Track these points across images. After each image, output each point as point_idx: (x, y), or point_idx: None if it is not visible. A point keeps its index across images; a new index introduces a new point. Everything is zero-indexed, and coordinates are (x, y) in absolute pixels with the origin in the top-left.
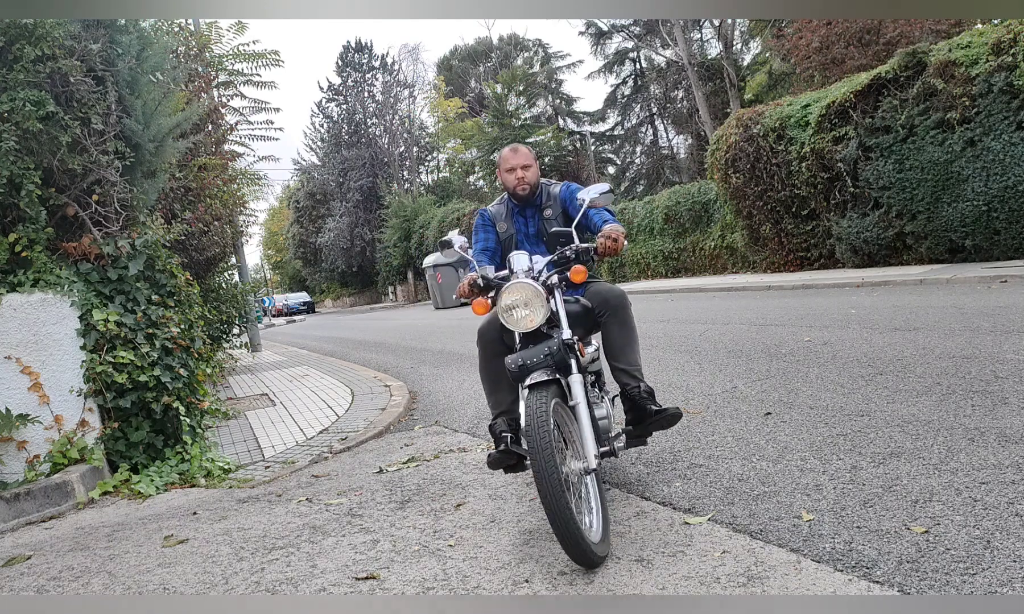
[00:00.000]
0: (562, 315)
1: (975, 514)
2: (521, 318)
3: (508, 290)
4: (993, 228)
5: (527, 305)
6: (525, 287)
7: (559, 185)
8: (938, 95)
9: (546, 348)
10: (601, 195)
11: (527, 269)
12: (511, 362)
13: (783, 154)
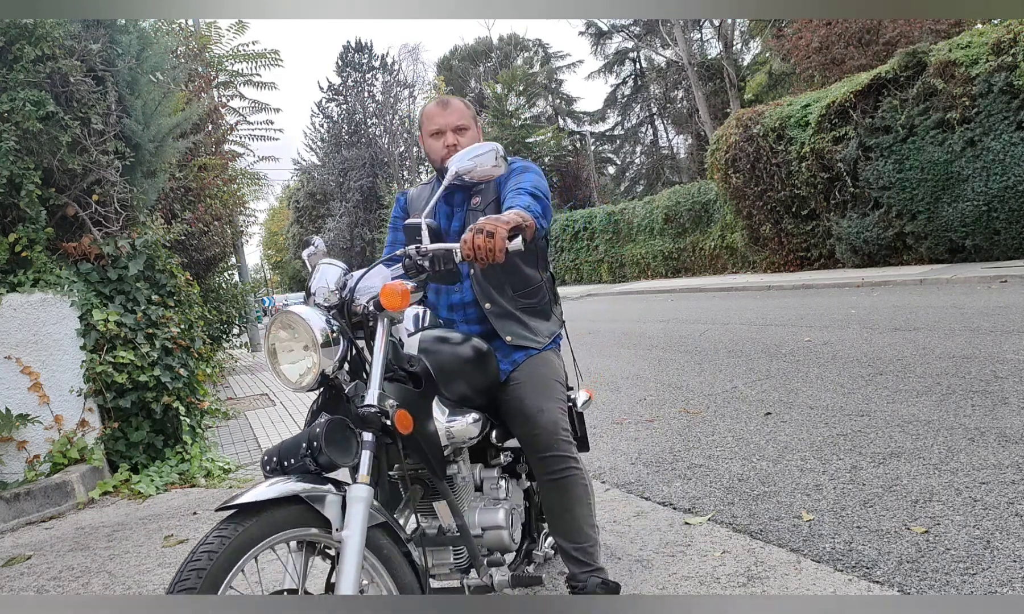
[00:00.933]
0: (374, 371)
1: (975, 514)
2: (285, 370)
3: (272, 325)
4: (993, 228)
5: (292, 350)
6: (294, 321)
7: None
8: (938, 95)
9: (307, 436)
10: (474, 158)
11: (332, 291)
12: (267, 454)
13: (783, 154)
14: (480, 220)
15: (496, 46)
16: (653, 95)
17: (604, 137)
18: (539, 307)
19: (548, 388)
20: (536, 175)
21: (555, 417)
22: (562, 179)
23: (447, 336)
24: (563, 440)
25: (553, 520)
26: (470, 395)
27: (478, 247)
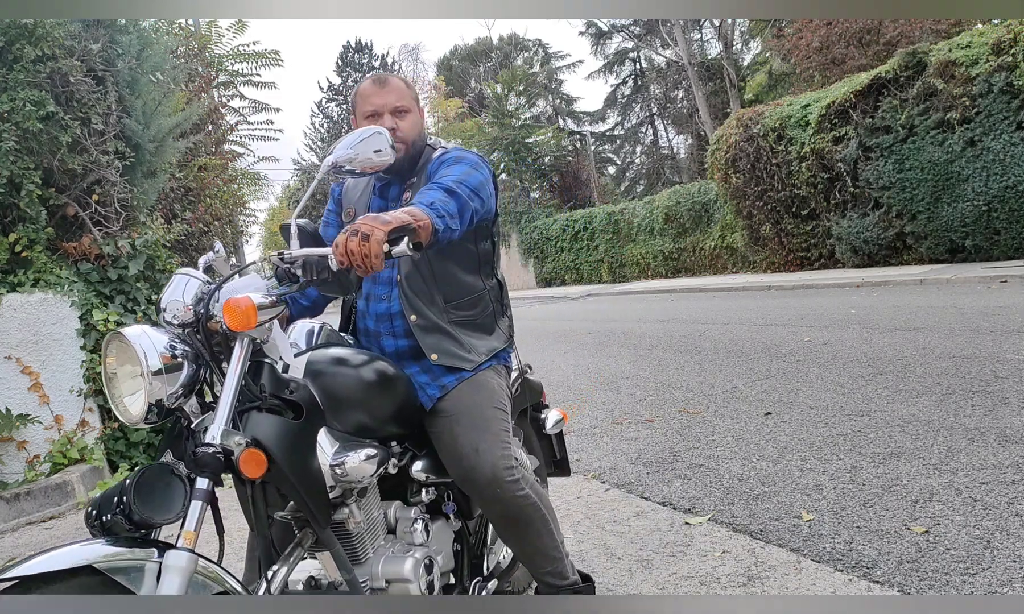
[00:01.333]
0: (222, 402)
1: (975, 514)
2: (126, 402)
3: (104, 350)
4: (993, 228)
5: (120, 376)
6: (121, 344)
7: (446, 149)
8: (938, 95)
9: (118, 488)
10: (355, 145)
11: (186, 306)
12: (90, 505)
13: (783, 154)
14: (358, 219)
15: (496, 46)
16: (653, 95)
17: (604, 137)
18: (479, 320)
19: (483, 420)
20: (469, 167)
21: (494, 456)
22: (562, 179)
23: (344, 356)
24: (507, 481)
25: (515, 551)
26: (372, 425)
27: (351, 252)
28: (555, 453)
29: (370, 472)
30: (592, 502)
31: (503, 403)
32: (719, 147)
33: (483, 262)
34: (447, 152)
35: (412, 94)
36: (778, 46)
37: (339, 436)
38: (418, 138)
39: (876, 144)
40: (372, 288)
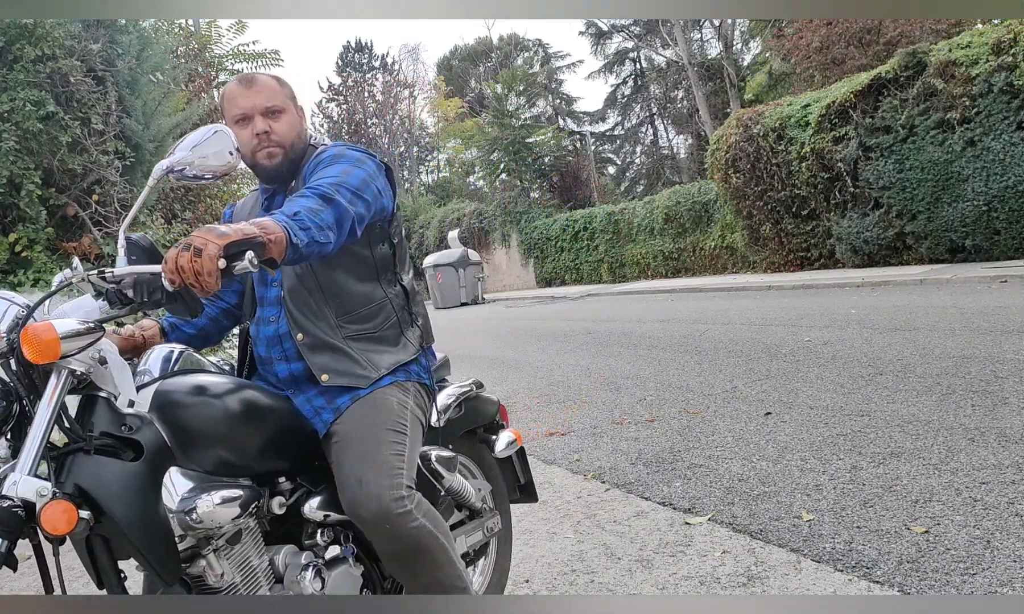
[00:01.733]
0: (27, 445)
1: (975, 514)
2: None
3: None
4: (993, 228)
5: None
6: None
7: (326, 146)
8: (938, 95)
9: None
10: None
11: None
12: None
13: (783, 154)
14: (194, 232)
15: (496, 46)
16: (653, 95)
17: (604, 137)
18: (380, 333)
19: (373, 445)
20: (349, 165)
21: (380, 488)
22: (562, 179)
23: (202, 384)
24: (396, 514)
25: (411, 588)
26: (239, 462)
27: (182, 268)
28: (518, 477)
29: (230, 517)
30: (592, 502)
31: (402, 424)
32: (719, 147)
33: (382, 268)
34: (324, 150)
35: (286, 92)
36: (778, 46)
37: (196, 477)
38: (297, 140)
39: (876, 144)
40: (261, 311)
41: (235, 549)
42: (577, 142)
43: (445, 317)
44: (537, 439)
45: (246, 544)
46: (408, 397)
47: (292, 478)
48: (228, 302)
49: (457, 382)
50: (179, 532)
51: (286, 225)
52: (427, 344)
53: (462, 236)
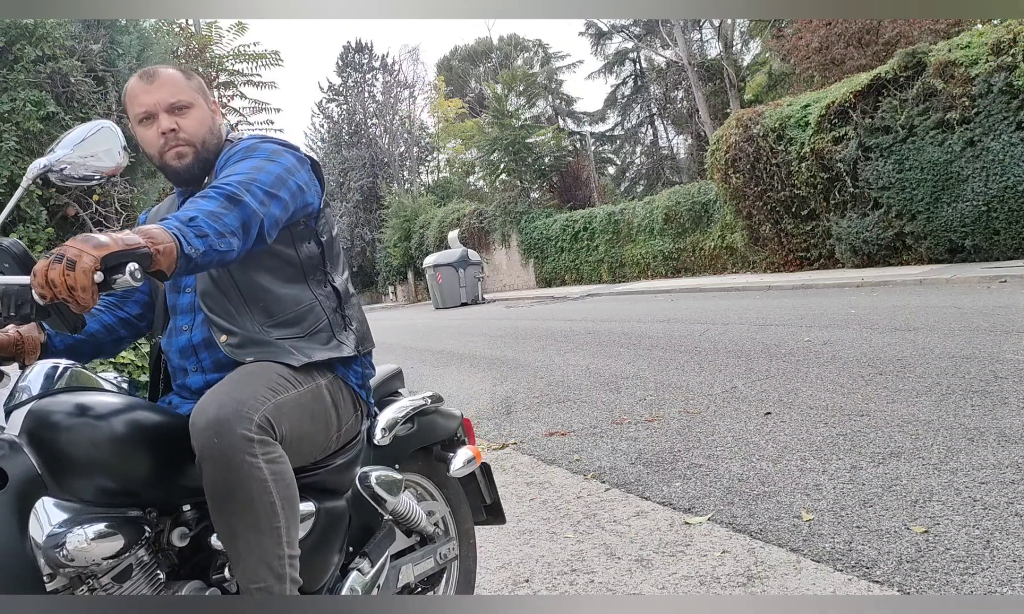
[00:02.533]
0: None
1: (975, 514)
2: None
3: None
4: (993, 228)
5: None
6: None
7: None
8: (938, 95)
9: None
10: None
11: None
12: None
13: (783, 154)
14: (69, 241)
15: (496, 46)
16: (653, 95)
17: (604, 137)
18: (309, 337)
19: (248, 375)
20: (261, 160)
21: (229, 400)
22: (562, 179)
23: (84, 403)
24: (234, 431)
25: (224, 543)
26: (125, 489)
27: (52, 282)
28: (483, 498)
29: (107, 553)
30: (592, 502)
31: (297, 382)
32: (719, 147)
33: (309, 269)
34: (235, 145)
35: (194, 85)
36: (778, 46)
37: (72, 508)
38: (210, 136)
39: (876, 144)
40: (174, 321)
41: (123, 587)
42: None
43: (445, 317)
44: (537, 439)
45: (137, 582)
46: (324, 380)
47: (198, 507)
48: (128, 312)
49: (411, 395)
50: (47, 571)
51: (178, 232)
52: (364, 350)
53: (462, 236)
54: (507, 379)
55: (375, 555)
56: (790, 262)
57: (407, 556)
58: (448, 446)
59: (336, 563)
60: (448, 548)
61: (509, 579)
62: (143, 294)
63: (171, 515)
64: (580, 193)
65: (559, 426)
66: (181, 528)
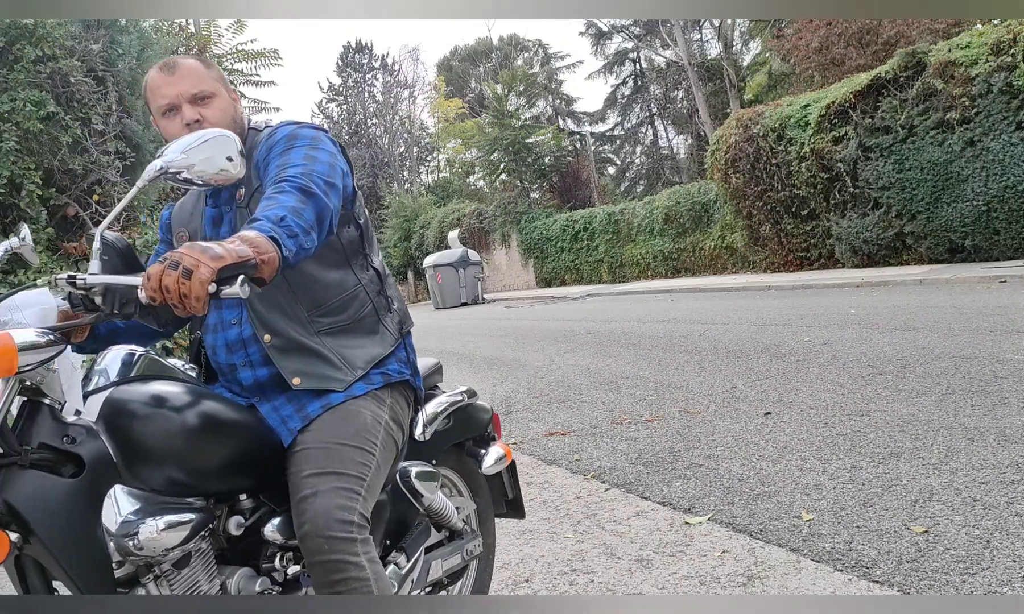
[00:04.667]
0: None
1: (975, 514)
2: None
3: None
4: (993, 228)
5: None
6: None
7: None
8: (938, 95)
9: None
10: (190, 150)
11: None
12: None
13: (783, 154)
14: (183, 247)
15: (496, 46)
16: (653, 95)
17: (604, 137)
18: (355, 323)
19: (337, 460)
20: (309, 147)
21: (331, 502)
22: (562, 179)
23: (159, 393)
24: (339, 538)
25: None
26: (193, 482)
27: (166, 288)
28: (506, 492)
29: (173, 543)
30: (592, 502)
31: (372, 442)
32: (719, 147)
33: (351, 253)
34: (274, 132)
35: (215, 75)
36: (778, 46)
37: (142, 497)
38: (232, 125)
39: (876, 144)
40: (219, 315)
41: (182, 574)
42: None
43: (445, 317)
44: (537, 439)
45: (195, 568)
46: (384, 410)
47: (254, 495)
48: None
49: (449, 390)
50: (117, 558)
51: (275, 237)
52: (406, 329)
53: (462, 236)
54: (507, 379)
55: (412, 550)
56: (790, 262)
57: (436, 551)
58: (479, 442)
59: None
60: (475, 544)
61: (509, 579)
62: None
63: (228, 503)
64: (580, 193)
65: (559, 426)
66: (237, 517)
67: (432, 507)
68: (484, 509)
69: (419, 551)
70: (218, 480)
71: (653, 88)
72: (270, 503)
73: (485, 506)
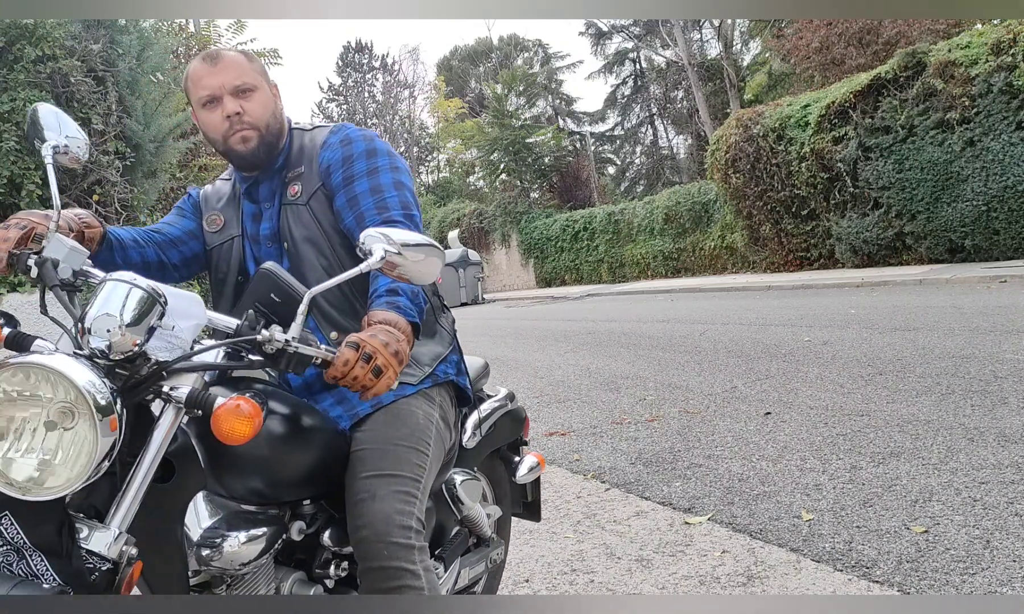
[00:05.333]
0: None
1: (975, 514)
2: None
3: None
4: (992, 228)
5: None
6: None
7: (326, 129)
8: (938, 95)
9: None
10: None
11: (123, 328)
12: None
13: (783, 154)
14: (376, 333)
15: (496, 46)
16: (653, 95)
17: (604, 137)
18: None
19: (392, 461)
20: (393, 171)
21: (390, 507)
22: (562, 179)
23: (260, 393)
24: (399, 544)
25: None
26: (272, 493)
27: (355, 377)
28: (527, 494)
29: (252, 556)
30: (592, 502)
31: (425, 443)
32: (719, 147)
33: None
34: (346, 138)
35: (256, 67)
36: (778, 46)
37: (221, 504)
38: (273, 120)
39: (876, 144)
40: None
41: (246, 580)
42: (577, 142)
43: None
44: (537, 439)
45: (259, 578)
46: (434, 409)
47: (316, 501)
48: (168, 259)
49: (492, 394)
50: (194, 567)
51: (413, 321)
52: (455, 329)
53: (462, 236)
54: (507, 379)
55: (450, 559)
56: (790, 262)
57: (465, 557)
58: (513, 447)
59: None
60: (499, 552)
61: (509, 579)
62: (191, 249)
63: (292, 508)
64: (580, 193)
65: (559, 426)
66: (299, 523)
67: (469, 516)
68: (505, 513)
69: (456, 560)
70: (296, 488)
71: (653, 88)
72: (331, 509)
73: (506, 510)
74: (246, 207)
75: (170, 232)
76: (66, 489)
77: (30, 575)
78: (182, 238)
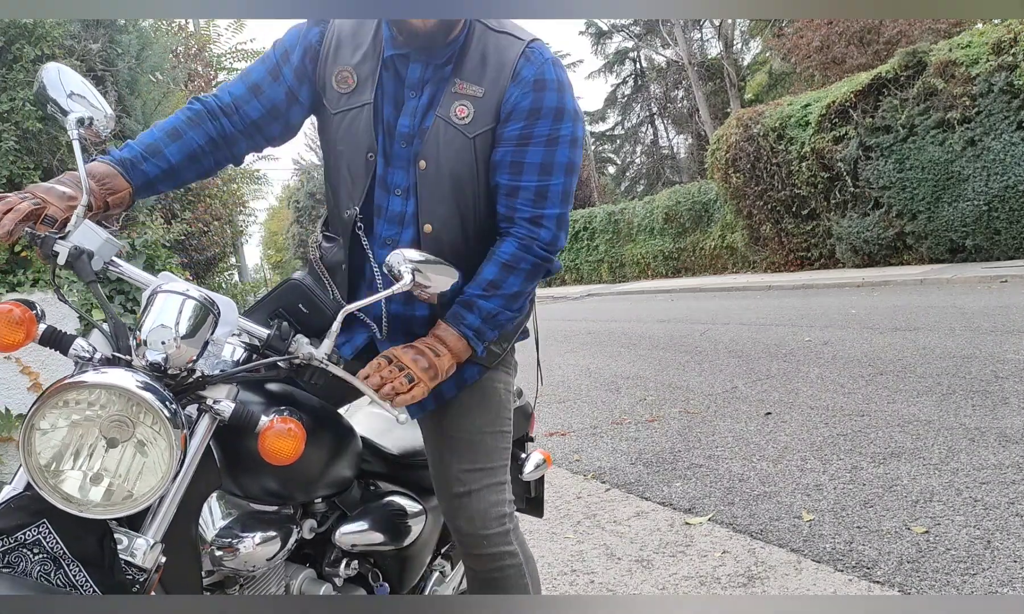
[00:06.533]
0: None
1: (975, 514)
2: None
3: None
4: (993, 228)
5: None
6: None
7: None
8: (938, 95)
9: None
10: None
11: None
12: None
13: (783, 154)
14: (407, 350)
15: None
16: (653, 95)
17: (604, 137)
18: None
19: (483, 452)
20: (570, 157)
21: (487, 502)
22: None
23: (274, 393)
24: (495, 533)
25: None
26: (286, 494)
27: (385, 395)
28: (530, 491)
29: (266, 557)
30: (592, 502)
31: (507, 420)
32: (719, 147)
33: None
34: (543, 85)
35: None
36: (778, 46)
37: (235, 504)
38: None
39: (876, 144)
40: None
41: (259, 581)
42: None
43: None
44: (538, 439)
45: (271, 577)
46: (511, 374)
47: (329, 499)
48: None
49: None
50: (208, 567)
51: (476, 348)
52: None
53: None
54: None
55: (457, 556)
56: (790, 262)
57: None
58: (519, 443)
59: (426, 563)
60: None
61: None
62: (270, 132)
63: (304, 506)
64: (580, 193)
65: (559, 426)
66: (311, 521)
67: None
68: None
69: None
70: (312, 488)
71: (653, 87)
72: (343, 507)
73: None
74: (385, 78)
75: (246, 116)
76: (139, 505)
77: (68, 586)
78: (260, 123)
